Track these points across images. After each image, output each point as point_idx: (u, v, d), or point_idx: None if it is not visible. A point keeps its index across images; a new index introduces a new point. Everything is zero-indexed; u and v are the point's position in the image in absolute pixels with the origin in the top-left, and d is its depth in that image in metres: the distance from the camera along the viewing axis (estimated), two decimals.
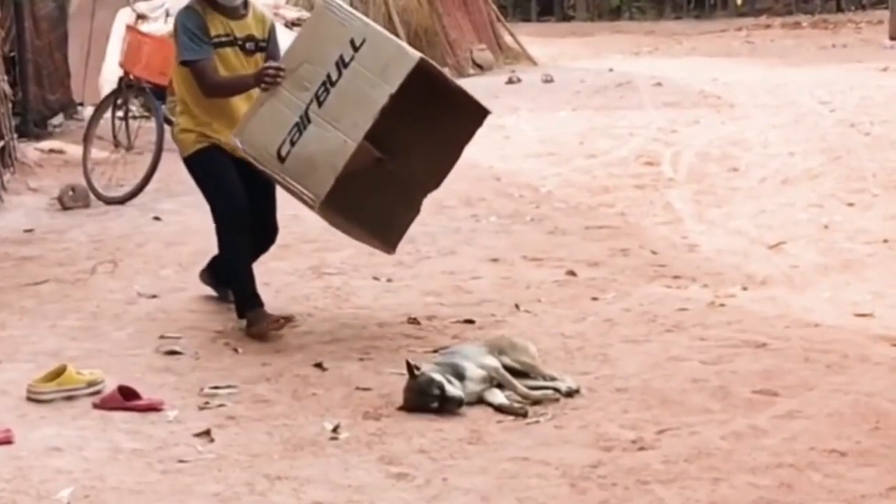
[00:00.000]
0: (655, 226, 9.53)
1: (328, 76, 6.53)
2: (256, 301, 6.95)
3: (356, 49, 6.50)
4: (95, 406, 5.75)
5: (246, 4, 7.18)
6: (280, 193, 7.14)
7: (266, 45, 7.18)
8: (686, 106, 15.48)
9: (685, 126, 13.91)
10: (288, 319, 6.87)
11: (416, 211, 7.28)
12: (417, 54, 6.51)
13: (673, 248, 8.83)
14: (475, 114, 7.05)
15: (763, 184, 10.87)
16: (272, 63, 6.78)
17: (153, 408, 5.73)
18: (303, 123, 6.53)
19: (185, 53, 6.95)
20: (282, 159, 6.55)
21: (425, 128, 7.05)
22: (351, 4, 17.78)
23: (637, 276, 8.05)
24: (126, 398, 5.75)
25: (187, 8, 7.08)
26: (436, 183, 7.22)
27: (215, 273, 7.50)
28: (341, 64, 6.51)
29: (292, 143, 6.53)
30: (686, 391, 5.89)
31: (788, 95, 15.91)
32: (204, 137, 7.06)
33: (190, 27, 6.96)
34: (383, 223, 7.19)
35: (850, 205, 9.87)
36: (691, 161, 11.90)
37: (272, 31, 7.24)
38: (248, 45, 7.13)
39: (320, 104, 6.52)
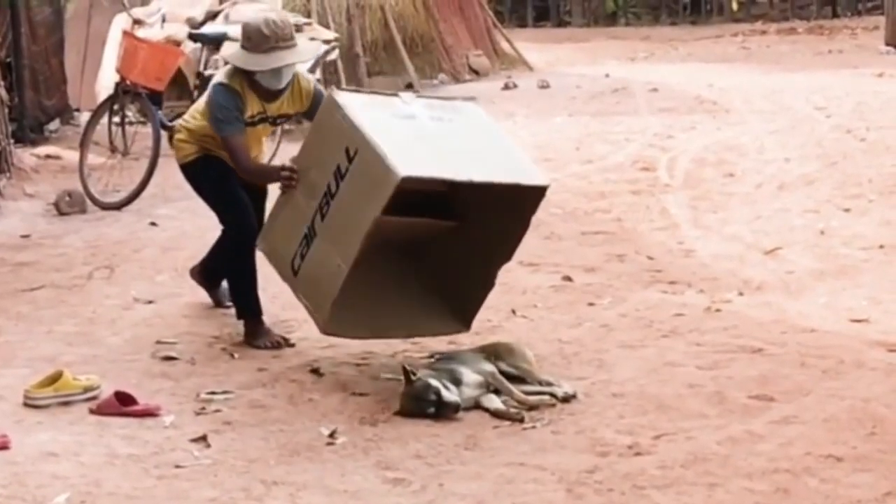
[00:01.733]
0: (652, 231, 9.53)
1: (328, 186, 6.05)
2: (258, 309, 6.95)
3: (350, 160, 5.98)
4: (92, 412, 5.75)
5: (290, 83, 6.84)
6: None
7: (303, 116, 7.04)
8: (682, 111, 15.49)
9: (681, 131, 13.91)
10: (286, 342, 6.84)
11: (492, 285, 6.58)
12: (400, 173, 5.79)
13: (669, 253, 8.83)
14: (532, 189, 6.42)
15: (759, 189, 10.88)
16: (288, 165, 6.37)
17: (150, 413, 5.73)
18: (310, 235, 6.14)
19: (220, 129, 6.73)
20: (295, 273, 6.23)
21: (492, 198, 6.43)
22: (347, 11, 17.84)
23: (633, 282, 8.05)
24: (123, 404, 5.75)
25: (225, 86, 6.74)
26: (508, 255, 6.55)
27: (208, 274, 7.48)
28: (339, 175, 6.03)
29: (302, 257, 6.18)
30: (682, 396, 5.90)
31: (784, 101, 15.92)
32: (205, 150, 7.00)
33: (226, 106, 6.70)
34: (457, 302, 6.59)
35: (846, 210, 9.88)
36: (687, 166, 11.90)
37: (315, 101, 6.82)
38: (280, 121, 7.10)
39: (323, 217, 6.08)
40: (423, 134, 6.23)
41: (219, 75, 6.97)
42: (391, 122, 6.17)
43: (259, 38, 6.67)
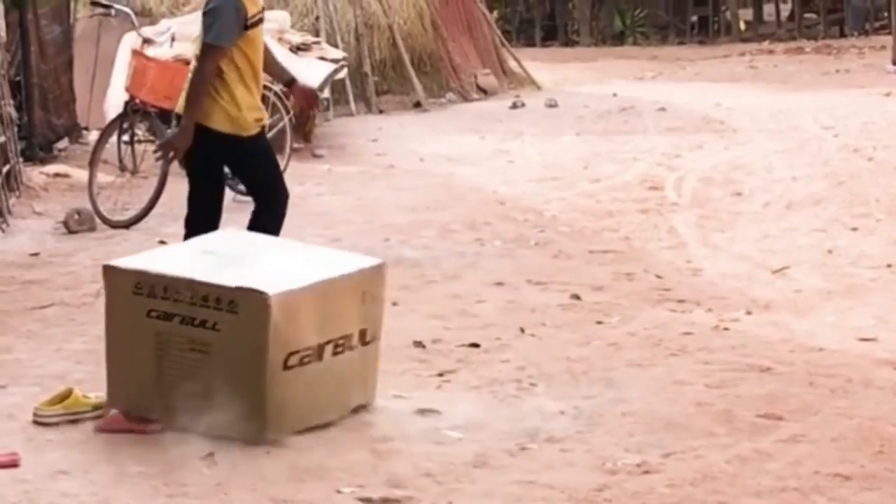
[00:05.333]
0: (660, 250, 9.54)
1: None
2: None
3: None
4: (99, 430, 5.75)
5: None
6: None
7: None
8: (689, 131, 15.50)
9: (689, 151, 13.93)
10: None
11: None
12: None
13: (677, 272, 8.84)
14: None
15: (766, 208, 10.89)
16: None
17: (150, 427, 5.67)
18: None
19: (214, 37, 7.25)
20: None
21: None
22: (356, 30, 17.88)
23: (641, 301, 8.06)
24: (129, 419, 5.74)
25: None
26: None
27: None
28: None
29: None
30: (691, 415, 5.90)
31: (791, 120, 15.93)
32: (258, 123, 7.43)
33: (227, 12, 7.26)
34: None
35: (854, 230, 9.89)
36: (695, 186, 11.92)
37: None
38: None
39: None
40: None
41: None
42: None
43: None
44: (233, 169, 7.80)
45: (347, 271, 5.98)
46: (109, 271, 5.86)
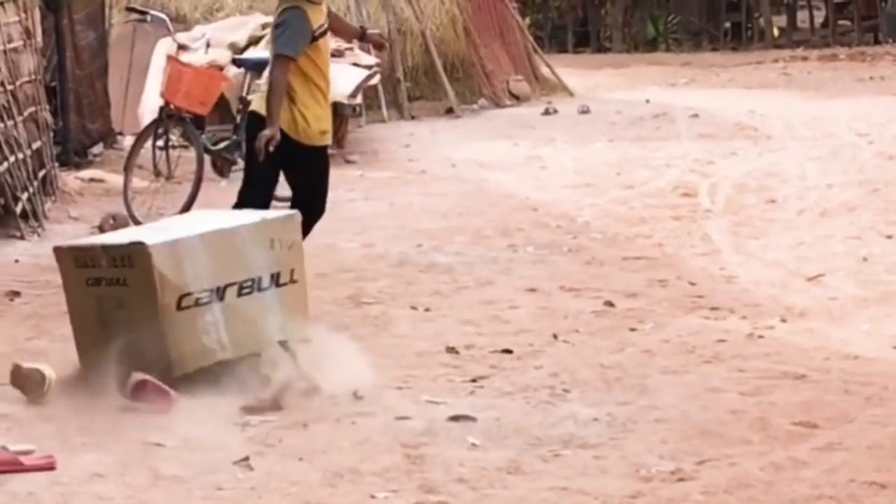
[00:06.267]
0: (693, 257, 9.52)
1: None
2: None
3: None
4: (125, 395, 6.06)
5: None
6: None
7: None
8: (723, 137, 15.48)
9: (722, 157, 13.90)
10: None
11: None
12: None
13: (711, 279, 8.82)
14: None
15: (801, 215, 10.86)
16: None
17: (165, 402, 6.03)
18: None
19: (282, 47, 7.72)
20: None
21: None
22: (388, 37, 17.90)
23: (675, 308, 8.04)
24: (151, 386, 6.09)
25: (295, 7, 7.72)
26: None
27: None
28: None
29: None
30: (725, 422, 5.88)
31: (826, 127, 15.88)
32: (323, 135, 7.98)
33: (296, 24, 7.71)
34: None
35: (889, 237, 9.84)
36: (728, 192, 11.89)
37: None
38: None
39: None
40: None
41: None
42: None
43: None
44: (286, 168, 8.02)
45: (246, 222, 6.75)
46: (57, 251, 6.77)
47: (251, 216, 6.90)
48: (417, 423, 5.90)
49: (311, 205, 7.85)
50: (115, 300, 6.41)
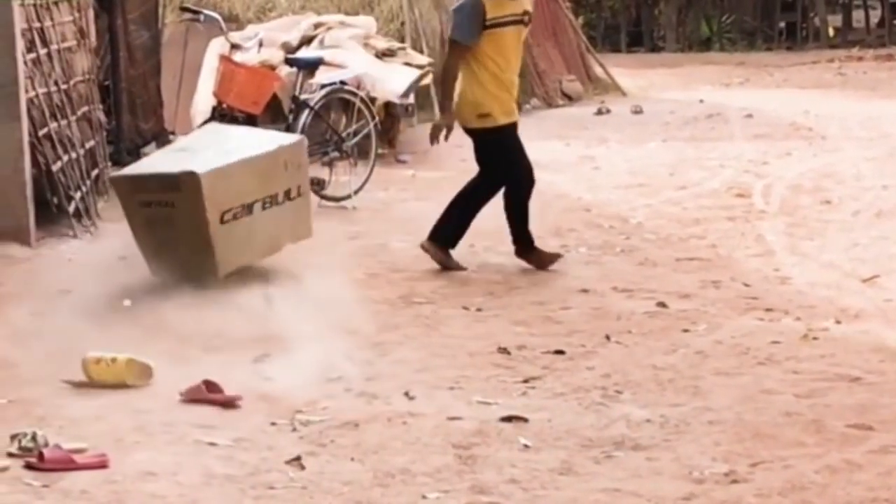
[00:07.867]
0: (747, 258, 9.46)
1: None
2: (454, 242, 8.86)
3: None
4: (182, 395, 6.17)
5: None
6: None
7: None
8: (777, 138, 15.38)
9: (776, 158, 13.82)
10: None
11: None
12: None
13: (765, 280, 8.76)
14: None
15: (856, 217, 10.77)
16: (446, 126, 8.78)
17: (231, 402, 6.13)
18: None
19: (452, 32, 8.55)
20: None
21: None
22: (441, 36, 17.85)
23: (729, 309, 7.99)
24: (210, 391, 6.17)
25: None
26: None
27: (525, 240, 8.97)
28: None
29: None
30: (779, 424, 5.84)
31: (881, 128, 15.76)
32: (481, 119, 8.59)
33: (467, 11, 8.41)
34: None
35: None
36: (783, 193, 11.82)
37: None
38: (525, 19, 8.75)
39: None
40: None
41: None
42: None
43: None
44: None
45: (268, 149, 8.18)
46: (114, 180, 8.63)
47: (268, 142, 8.31)
48: (469, 424, 5.89)
49: (492, 181, 8.82)
50: (165, 220, 7.87)
